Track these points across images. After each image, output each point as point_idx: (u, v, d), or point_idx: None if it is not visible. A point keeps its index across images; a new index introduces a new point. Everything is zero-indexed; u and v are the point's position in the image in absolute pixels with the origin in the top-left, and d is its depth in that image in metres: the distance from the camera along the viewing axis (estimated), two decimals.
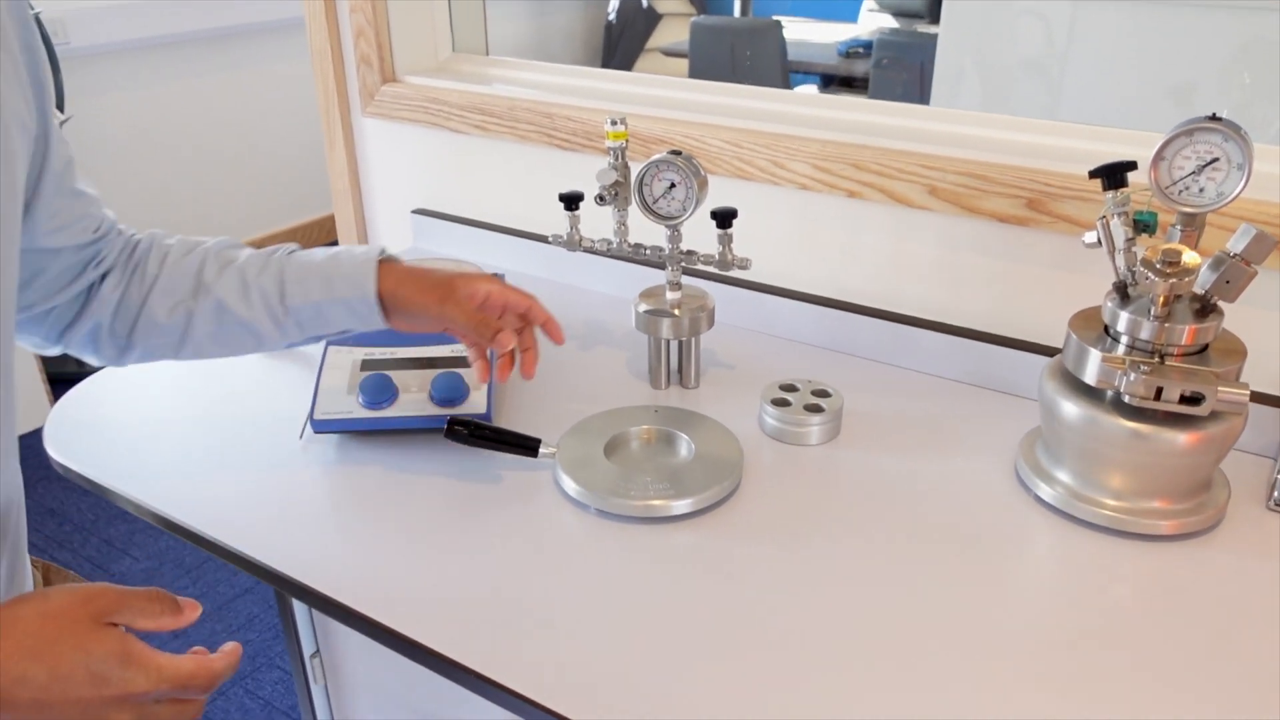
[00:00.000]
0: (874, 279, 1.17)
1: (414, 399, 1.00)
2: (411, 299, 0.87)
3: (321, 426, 0.98)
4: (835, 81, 3.64)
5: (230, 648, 0.63)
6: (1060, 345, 1.05)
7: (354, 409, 0.98)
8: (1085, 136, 1.03)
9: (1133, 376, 0.82)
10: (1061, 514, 0.90)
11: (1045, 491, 0.91)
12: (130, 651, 0.56)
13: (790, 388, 1.05)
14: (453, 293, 0.87)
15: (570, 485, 0.90)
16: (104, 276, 0.85)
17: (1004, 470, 0.96)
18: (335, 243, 1.62)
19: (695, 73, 3.58)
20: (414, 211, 1.51)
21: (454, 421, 0.94)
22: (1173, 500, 0.87)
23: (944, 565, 0.83)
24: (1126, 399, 0.83)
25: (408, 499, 0.92)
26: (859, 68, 3.50)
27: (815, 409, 1.01)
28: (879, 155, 1.10)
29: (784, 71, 3.54)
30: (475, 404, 1.00)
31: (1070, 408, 0.88)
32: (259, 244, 0.89)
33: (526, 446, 0.94)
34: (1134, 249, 0.87)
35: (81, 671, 0.55)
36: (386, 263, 0.88)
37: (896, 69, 3.28)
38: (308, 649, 0.85)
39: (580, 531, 0.87)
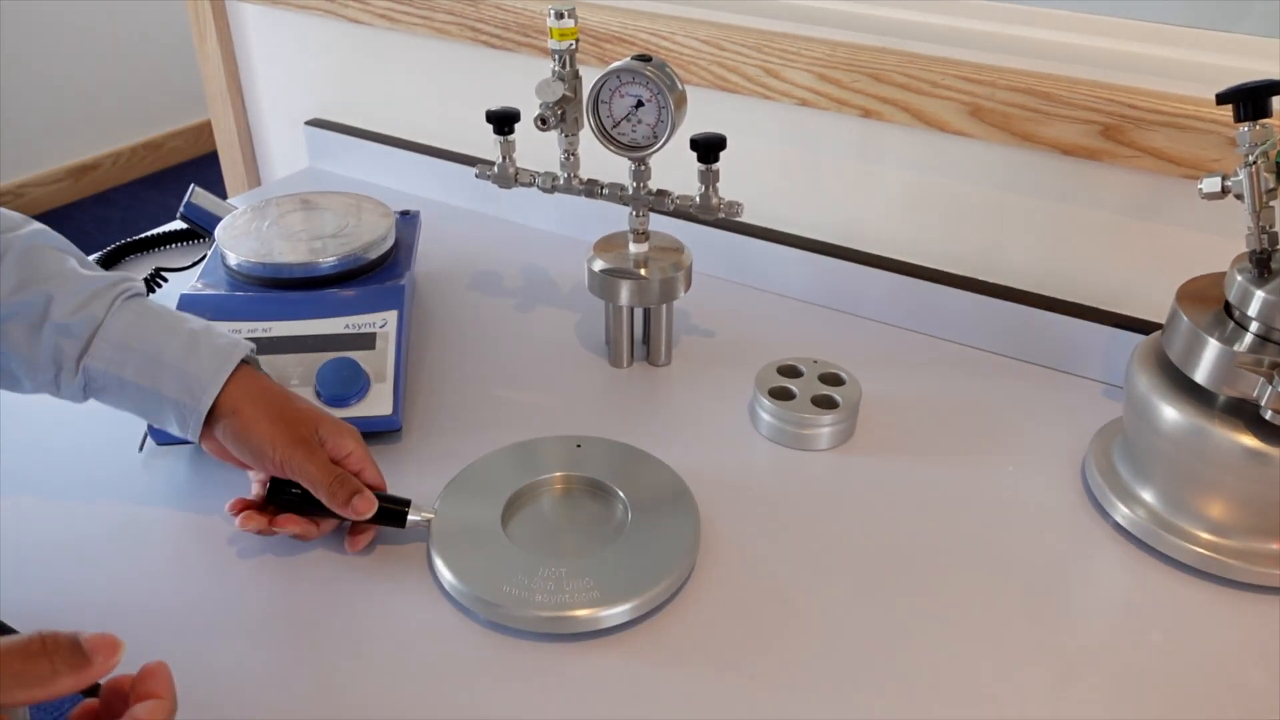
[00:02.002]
0: (893, 222, 0.92)
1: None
2: (254, 425, 0.63)
3: (165, 436, 0.72)
4: None
5: (156, 674, 0.45)
6: (1136, 314, 0.84)
7: None
8: (1190, 44, 0.78)
9: None
10: (1145, 547, 0.69)
11: (1124, 515, 0.70)
12: None
13: (791, 371, 0.81)
14: (312, 435, 0.64)
15: (448, 579, 0.63)
16: None
17: (1069, 479, 0.75)
18: (215, 155, 1.34)
19: None
20: (308, 123, 1.21)
21: (279, 480, 0.65)
22: None
23: (998, 620, 0.62)
24: (1268, 415, 0.61)
25: (279, 548, 0.68)
26: None
27: (826, 402, 0.77)
28: (905, 63, 0.84)
29: None
30: (378, 402, 0.75)
31: (1169, 413, 0.66)
32: (126, 153, 0.59)
33: (387, 513, 0.65)
34: (1272, 204, 0.64)
35: None
36: (243, 369, 0.65)
37: None
38: None
39: (463, 653, 0.60)
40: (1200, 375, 0.65)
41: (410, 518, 0.65)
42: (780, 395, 0.78)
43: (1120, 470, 0.72)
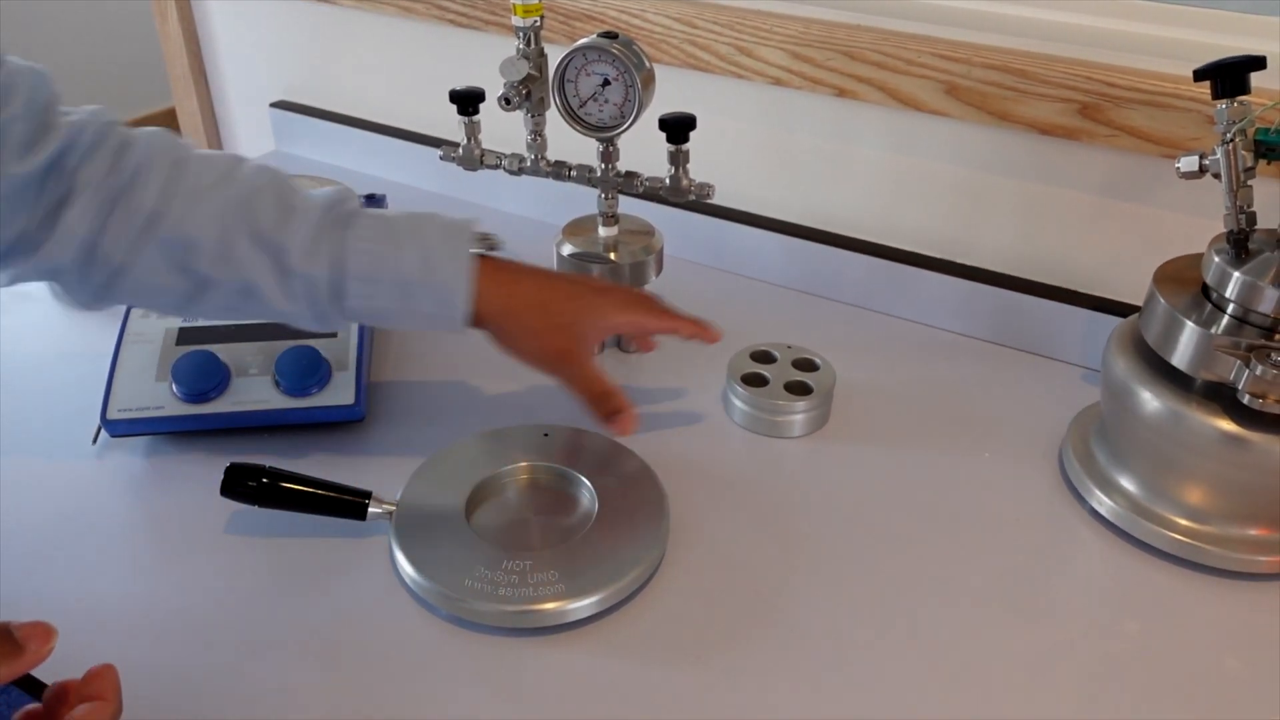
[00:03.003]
0: (867, 204, 0.91)
1: (253, 384, 0.72)
2: (515, 342, 0.65)
3: (119, 428, 0.70)
4: None
5: (102, 675, 0.45)
6: (1114, 296, 0.83)
7: (166, 402, 0.71)
8: (1173, 21, 0.76)
9: (1260, 370, 0.58)
10: (1122, 534, 0.68)
11: (1101, 502, 0.69)
12: None
13: (765, 356, 0.79)
14: (577, 342, 0.66)
15: (409, 572, 0.61)
16: (67, 197, 0.57)
17: (1046, 465, 0.73)
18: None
19: None
20: (273, 105, 1.19)
21: (235, 470, 0.63)
22: (1275, 528, 0.65)
23: (973, 610, 0.61)
24: (1245, 399, 0.60)
25: (241, 545, 0.66)
26: None
27: (800, 388, 0.76)
28: (880, 41, 0.82)
29: None
30: (339, 391, 0.72)
31: (1146, 397, 0.65)
32: None
33: (346, 505, 0.63)
34: (1249, 183, 0.62)
35: None
36: (484, 264, 0.63)
37: None
38: None
39: (424, 648, 0.58)
40: (1177, 359, 0.63)
41: (371, 510, 0.63)
42: (753, 381, 0.76)
43: (1098, 456, 0.71)
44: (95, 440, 0.73)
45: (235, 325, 0.75)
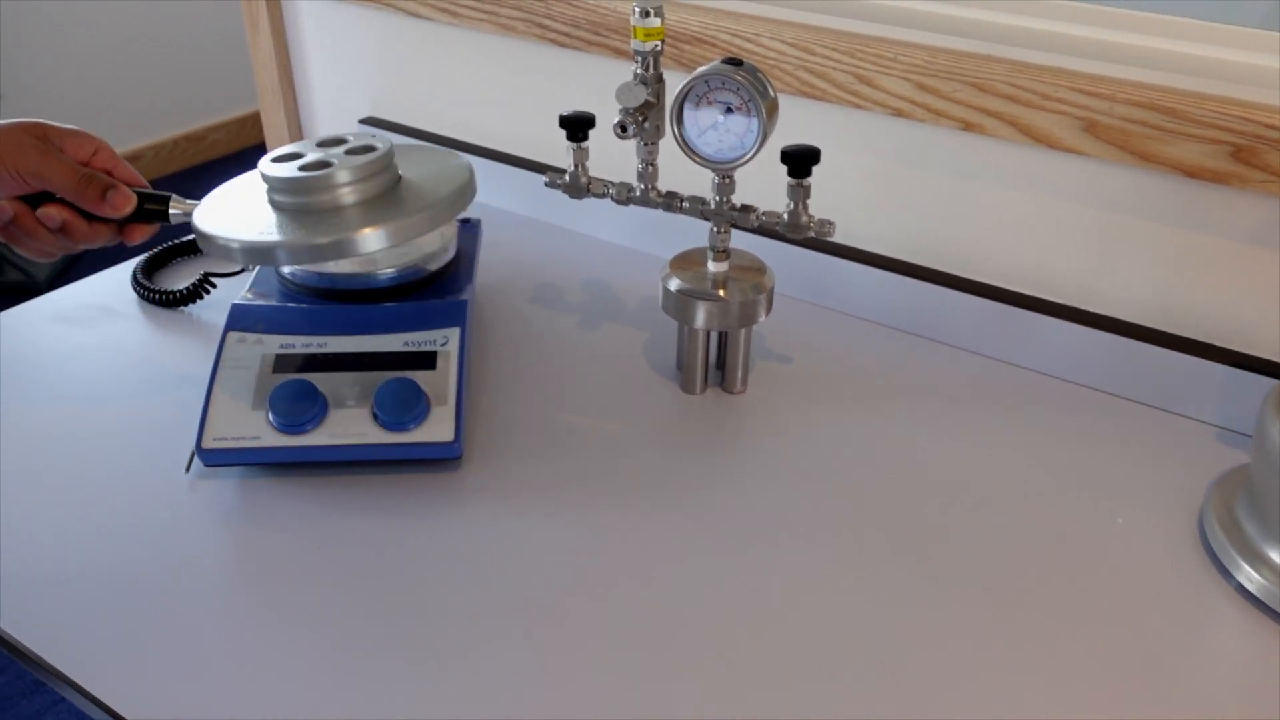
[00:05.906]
0: (989, 245, 0.86)
1: (350, 416, 0.69)
2: None
3: (214, 458, 0.68)
4: None
5: None
6: (1260, 354, 0.77)
7: (262, 432, 0.68)
8: None
9: None
10: (1274, 615, 0.62)
11: (1250, 578, 0.63)
12: None
13: None
14: (45, 139, 0.63)
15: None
16: None
17: (1184, 532, 0.68)
18: (263, 146, 1.30)
19: None
20: (363, 121, 1.17)
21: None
22: None
23: (1103, 690, 0.56)
24: None
25: (335, 584, 0.62)
26: None
27: None
28: (1013, 72, 0.77)
29: None
30: (438, 427, 0.69)
31: None
32: (169, 145, 0.57)
33: (147, 211, 0.68)
34: None
35: None
36: None
37: None
38: None
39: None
40: None
41: (172, 211, 0.65)
42: None
43: (1245, 527, 0.66)
44: (188, 469, 0.70)
45: (334, 353, 0.72)
